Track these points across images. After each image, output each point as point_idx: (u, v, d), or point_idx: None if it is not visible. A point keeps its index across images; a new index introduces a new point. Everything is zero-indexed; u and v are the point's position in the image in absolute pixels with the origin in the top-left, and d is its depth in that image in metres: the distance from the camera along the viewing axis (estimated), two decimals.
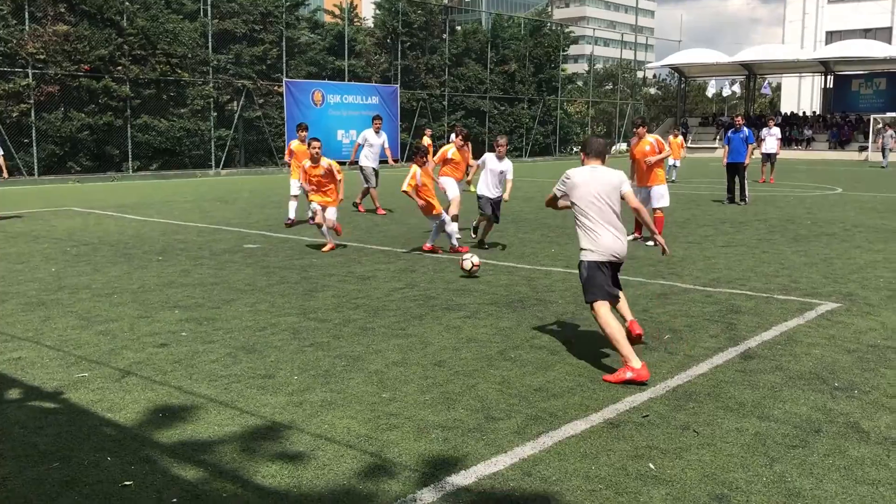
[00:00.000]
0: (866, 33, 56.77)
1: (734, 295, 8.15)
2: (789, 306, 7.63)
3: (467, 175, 12.37)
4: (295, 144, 14.00)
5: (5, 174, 14.01)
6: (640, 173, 11.99)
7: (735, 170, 17.93)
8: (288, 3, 33.26)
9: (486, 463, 4.09)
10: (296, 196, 13.61)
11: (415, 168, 10.67)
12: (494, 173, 11.20)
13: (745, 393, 5.17)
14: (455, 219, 11.31)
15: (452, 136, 15.45)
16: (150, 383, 5.35)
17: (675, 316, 7.25)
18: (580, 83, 57.67)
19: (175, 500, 3.69)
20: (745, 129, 18.15)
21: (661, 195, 11.86)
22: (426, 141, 24.30)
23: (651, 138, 12.12)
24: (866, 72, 50.02)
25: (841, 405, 4.96)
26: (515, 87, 43.40)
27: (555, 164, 39.83)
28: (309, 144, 11.19)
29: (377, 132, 16.33)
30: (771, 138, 24.93)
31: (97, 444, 4.34)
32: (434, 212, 10.78)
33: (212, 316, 7.24)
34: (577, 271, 6.04)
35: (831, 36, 59.64)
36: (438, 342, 6.38)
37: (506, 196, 11.30)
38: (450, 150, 12.27)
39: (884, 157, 35.59)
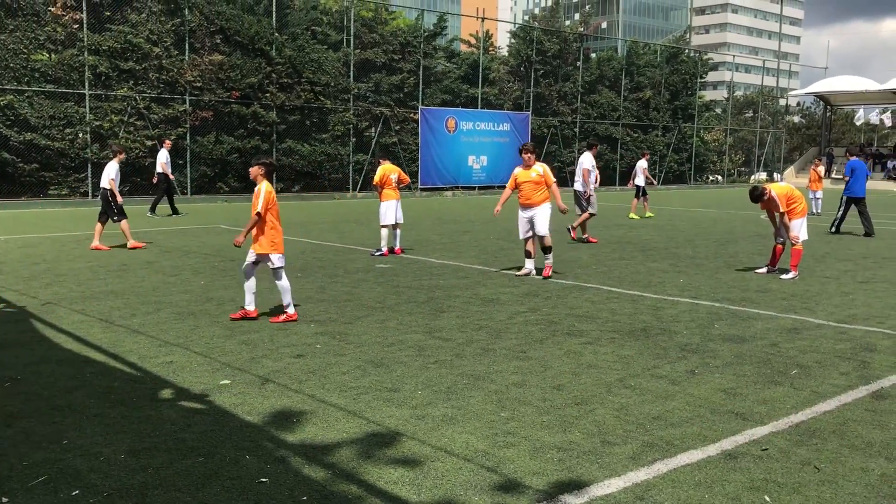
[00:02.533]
0: None
1: (870, 332, 7.84)
2: None
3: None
4: None
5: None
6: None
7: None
8: (426, 34, 34.28)
9: (599, 485, 4.19)
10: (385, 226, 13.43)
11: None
12: None
13: (874, 433, 5.02)
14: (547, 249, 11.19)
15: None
16: (286, 391, 5.75)
17: (804, 351, 7.06)
18: (718, 110, 56.13)
19: (305, 498, 3.99)
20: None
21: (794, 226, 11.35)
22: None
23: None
24: None
25: None
26: (650, 113, 42.82)
27: (689, 192, 38.94)
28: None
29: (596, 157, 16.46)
30: None
31: (237, 443, 4.73)
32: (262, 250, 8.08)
33: (344, 331, 7.65)
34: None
35: None
36: (558, 366, 6.50)
37: None
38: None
39: None
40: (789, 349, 7.14)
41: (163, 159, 20.67)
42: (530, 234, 11.29)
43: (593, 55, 43.54)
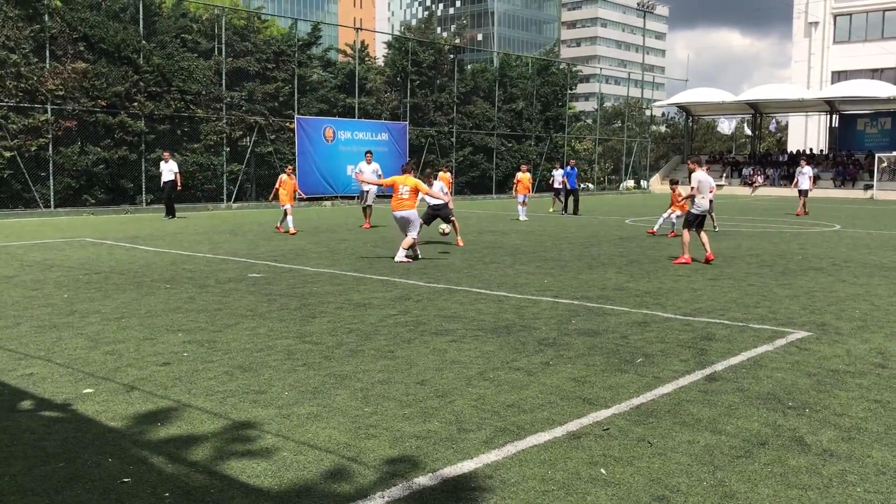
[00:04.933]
0: (873, 73, 57.40)
1: (711, 323, 8.52)
2: (762, 334, 8.00)
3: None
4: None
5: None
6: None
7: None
8: (300, 43, 34.17)
9: (452, 467, 4.48)
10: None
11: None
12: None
13: (703, 410, 5.54)
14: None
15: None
16: (151, 397, 5.78)
17: (651, 342, 7.63)
18: (589, 121, 58.40)
19: (167, 494, 4.09)
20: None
21: None
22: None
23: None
24: (871, 111, 50.50)
25: (790, 422, 5.32)
26: (523, 124, 44.12)
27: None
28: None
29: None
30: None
31: (100, 447, 4.75)
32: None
33: (213, 339, 7.68)
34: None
35: (838, 76, 60.29)
36: (423, 363, 6.78)
37: None
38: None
39: None
40: (637, 340, 7.69)
41: None
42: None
43: (468, 66, 44.50)
